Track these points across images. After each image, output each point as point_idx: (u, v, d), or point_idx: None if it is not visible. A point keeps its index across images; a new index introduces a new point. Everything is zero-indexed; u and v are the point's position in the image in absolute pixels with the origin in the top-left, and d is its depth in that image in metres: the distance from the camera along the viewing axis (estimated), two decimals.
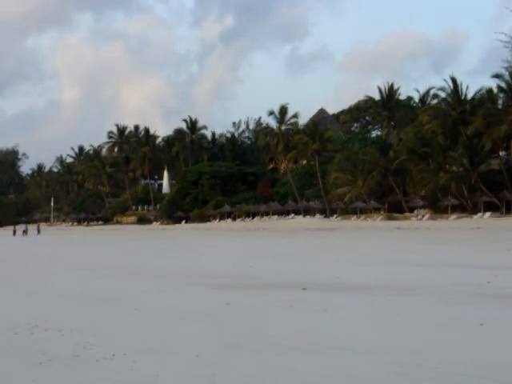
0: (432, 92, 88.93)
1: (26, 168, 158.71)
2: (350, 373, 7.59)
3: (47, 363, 8.51)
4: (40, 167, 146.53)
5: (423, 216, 73.09)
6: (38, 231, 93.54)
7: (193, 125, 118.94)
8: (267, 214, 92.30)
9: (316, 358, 8.41)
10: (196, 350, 9.03)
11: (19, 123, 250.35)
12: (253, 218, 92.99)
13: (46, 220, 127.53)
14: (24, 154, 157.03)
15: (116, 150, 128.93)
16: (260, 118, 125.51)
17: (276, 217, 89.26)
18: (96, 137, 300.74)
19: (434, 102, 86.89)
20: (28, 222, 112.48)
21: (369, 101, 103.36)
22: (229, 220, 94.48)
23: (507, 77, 74.01)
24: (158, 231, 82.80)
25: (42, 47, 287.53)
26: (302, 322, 11.41)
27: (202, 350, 8.98)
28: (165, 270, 22.80)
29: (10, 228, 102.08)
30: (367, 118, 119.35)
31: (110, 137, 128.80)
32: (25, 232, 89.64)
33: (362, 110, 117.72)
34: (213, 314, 12.48)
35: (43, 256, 36.47)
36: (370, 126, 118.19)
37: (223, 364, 8.19)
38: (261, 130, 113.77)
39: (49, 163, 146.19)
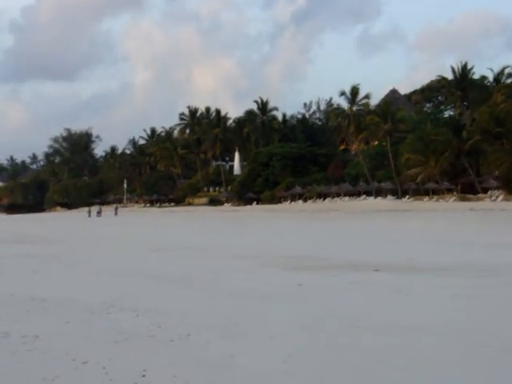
0: (507, 71, 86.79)
1: (99, 150, 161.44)
2: (424, 355, 7.51)
3: (123, 342, 8.66)
4: (113, 149, 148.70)
5: (497, 197, 71.55)
6: (116, 213, 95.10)
7: (264, 106, 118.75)
8: (338, 195, 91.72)
9: (388, 339, 8.35)
10: (270, 331, 9.07)
11: (93, 106, 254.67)
12: (324, 199, 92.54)
13: (119, 201, 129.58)
14: (97, 137, 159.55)
15: (187, 131, 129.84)
16: (331, 99, 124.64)
17: (347, 198, 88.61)
18: (168, 119, 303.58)
19: (509, 81, 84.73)
20: (102, 204, 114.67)
21: (441, 80, 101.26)
22: (300, 201, 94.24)
23: None
24: (229, 213, 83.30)
25: (116, 30, 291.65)
26: (373, 303, 11.34)
27: (276, 331, 9.01)
28: (237, 251, 22.92)
29: (85, 209, 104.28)
30: (440, 98, 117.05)
31: (181, 119, 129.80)
32: (99, 213, 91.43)
33: (435, 89, 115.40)
34: (285, 295, 12.50)
35: (118, 237, 37.12)
36: (442, 106, 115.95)
37: (297, 345, 8.20)
38: (332, 110, 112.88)
39: (122, 145, 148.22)
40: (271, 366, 7.33)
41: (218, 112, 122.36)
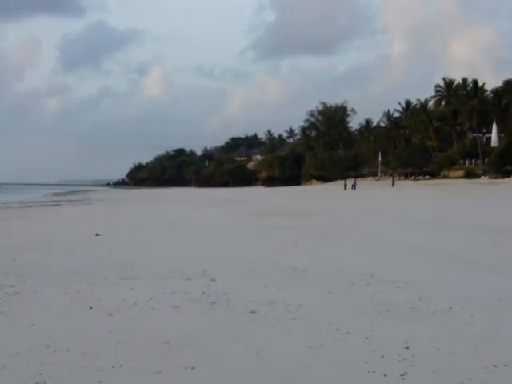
0: None
1: (354, 123, 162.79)
2: None
3: (385, 314, 8.69)
4: (368, 122, 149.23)
5: None
6: (353, 186, 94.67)
7: None
8: None
9: None
10: None
11: (349, 79, 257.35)
12: None
13: (374, 174, 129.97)
14: (352, 110, 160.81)
15: (443, 103, 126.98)
16: None
17: None
18: (422, 91, 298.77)
19: None
20: (356, 177, 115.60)
21: None
22: None
23: None
24: (485, 186, 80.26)
25: (375, 2, 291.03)
26: None
27: None
28: (496, 225, 22.09)
29: (340, 183, 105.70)
30: None
31: (436, 90, 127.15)
32: (353, 186, 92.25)
33: None
34: None
35: (371, 210, 37.17)
36: None
37: None
38: None
39: (376, 118, 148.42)
40: None
41: (475, 83, 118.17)
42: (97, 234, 20.93)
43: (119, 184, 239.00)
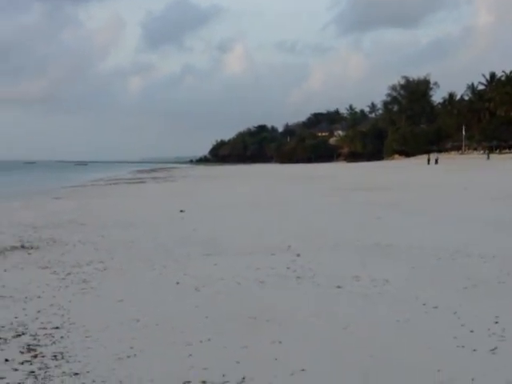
0: None
1: (437, 97, 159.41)
2: None
3: (472, 288, 8.58)
4: (451, 96, 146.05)
5: None
6: (436, 161, 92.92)
7: None
8: None
9: None
10: None
11: (432, 52, 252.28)
12: None
13: (459, 149, 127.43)
14: (435, 83, 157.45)
15: None
16: None
17: None
18: (508, 62, 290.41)
19: None
20: (439, 151, 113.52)
21: None
22: None
23: None
24: None
25: None
26: None
27: None
28: None
29: (422, 157, 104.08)
30: None
31: None
32: (436, 161, 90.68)
33: None
34: None
35: (455, 185, 36.48)
36: None
37: None
38: None
39: (460, 91, 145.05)
40: None
41: None
42: (181, 211, 21.23)
43: (201, 161, 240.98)
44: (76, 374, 5.70)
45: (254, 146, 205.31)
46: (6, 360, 6.11)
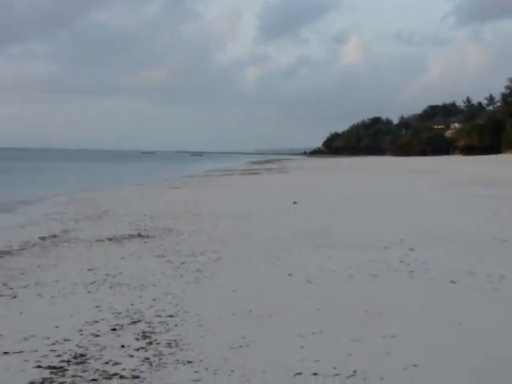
0: None
1: None
2: None
3: None
4: None
5: None
6: None
7: None
8: None
9: None
10: None
11: None
12: None
13: None
14: None
15: None
16: None
17: None
18: None
19: None
20: None
21: None
22: None
23: None
24: None
25: None
26: None
27: None
28: None
29: None
30: None
31: None
32: None
33: None
34: None
35: None
36: None
37: None
38: None
39: None
40: None
41: None
42: (294, 202, 21.28)
43: (315, 153, 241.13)
44: (189, 362, 5.82)
45: (368, 139, 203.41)
46: (122, 346, 6.30)
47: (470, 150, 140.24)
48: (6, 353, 6.09)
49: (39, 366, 5.72)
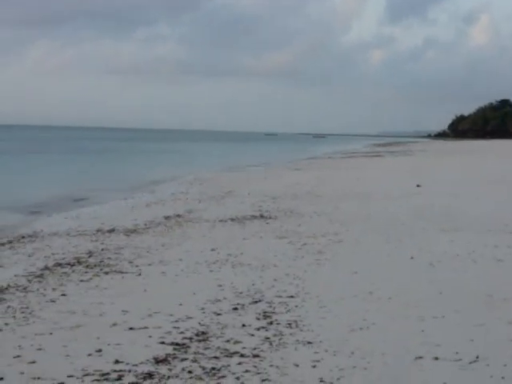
0: None
1: None
2: None
3: None
4: None
5: None
6: None
7: None
8: None
9: None
10: None
11: None
12: None
13: None
14: None
15: None
16: None
17: None
18: None
19: None
20: None
21: None
22: None
23: None
24: None
25: None
26: None
27: None
28: None
29: None
30: None
31: None
32: None
33: None
34: None
35: None
36: None
37: None
38: None
39: None
40: None
41: None
42: (417, 185, 20.93)
43: (440, 136, 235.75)
44: (309, 342, 5.85)
45: (496, 121, 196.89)
46: (243, 325, 6.41)
47: None
48: (131, 328, 6.30)
49: (163, 342, 5.90)
